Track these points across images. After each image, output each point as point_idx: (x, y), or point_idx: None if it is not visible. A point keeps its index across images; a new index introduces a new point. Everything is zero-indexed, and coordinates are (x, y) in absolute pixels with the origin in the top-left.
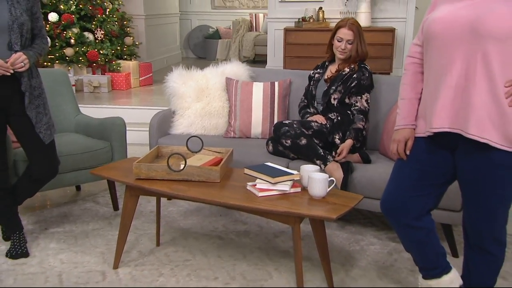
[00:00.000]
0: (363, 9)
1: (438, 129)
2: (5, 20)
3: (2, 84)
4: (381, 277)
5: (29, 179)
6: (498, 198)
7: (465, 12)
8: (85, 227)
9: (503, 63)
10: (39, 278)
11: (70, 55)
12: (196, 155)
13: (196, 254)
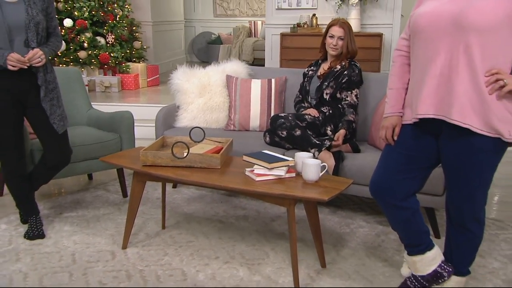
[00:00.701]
0: (353, 16)
1: (423, 115)
2: (22, 20)
3: (20, 79)
4: (369, 256)
5: (44, 167)
6: (478, 180)
7: (449, 6)
8: (97, 212)
9: (483, 54)
10: (54, 257)
11: (84, 58)
12: (199, 144)
13: (198, 236)
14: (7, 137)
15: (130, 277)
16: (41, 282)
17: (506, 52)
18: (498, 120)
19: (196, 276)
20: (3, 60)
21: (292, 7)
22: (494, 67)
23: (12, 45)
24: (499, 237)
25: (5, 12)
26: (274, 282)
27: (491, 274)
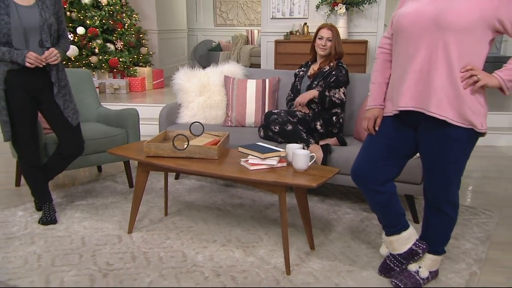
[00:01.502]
0: (341, 24)
1: (403, 107)
2: (36, 22)
3: (35, 77)
4: (354, 239)
5: (60, 156)
6: (453, 167)
7: (429, 7)
8: (105, 200)
9: (460, 52)
10: (65, 240)
11: (95, 62)
12: (198, 137)
13: (198, 222)
14: (24, 132)
15: (134, 258)
16: (53, 262)
17: (480, 50)
18: (471, 113)
19: (195, 257)
20: (22, 58)
21: (285, 17)
22: (469, 64)
23: (28, 46)
24: (471, 221)
25: (21, 15)
26: (267, 263)
27: (464, 254)
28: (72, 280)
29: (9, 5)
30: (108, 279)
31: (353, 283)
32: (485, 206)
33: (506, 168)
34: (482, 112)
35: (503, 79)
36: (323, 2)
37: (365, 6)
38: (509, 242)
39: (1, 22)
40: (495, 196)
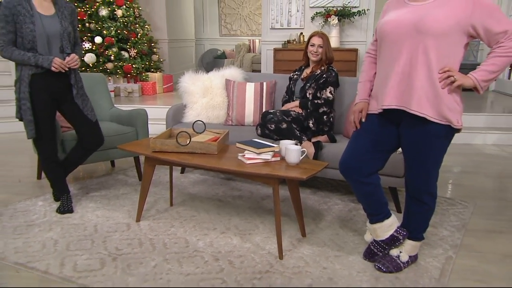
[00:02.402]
0: (334, 34)
1: (388, 106)
2: (57, 30)
3: (56, 80)
4: (342, 228)
5: (81, 149)
6: (432, 161)
7: (410, 15)
8: (116, 192)
9: (438, 55)
10: (80, 227)
11: (111, 68)
12: (200, 135)
13: (200, 212)
14: (45, 130)
15: (141, 244)
16: (68, 247)
17: (456, 53)
18: (448, 110)
19: (196, 243)
20: (48, 63)
21: (283, 27)
22: (447, 66)
23: (50, 51)
24: (449, 211)
25: (44, 23)
26: (262, 249)
27: (441, 240)
28: (84, 263)
29: (33, 15)
30: (117, 263)
31: (340, 266)
32: (462, 197)
33: (481, 164)
34: (458, 110)
35: (477, 80)
36: (317, 14)
37: (355, 17)
38: (482, 229)
39: (27, 30)
40: (471, 188)
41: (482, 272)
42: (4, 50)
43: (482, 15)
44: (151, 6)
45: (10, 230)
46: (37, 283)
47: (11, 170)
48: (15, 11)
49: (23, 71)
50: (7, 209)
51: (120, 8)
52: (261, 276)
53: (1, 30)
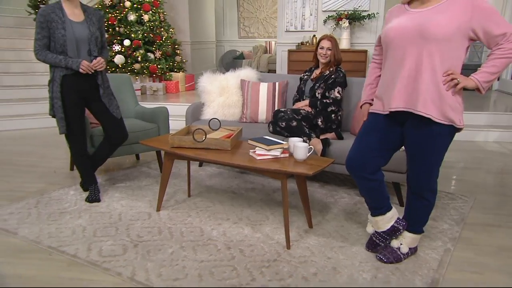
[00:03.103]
0: (345, 36)
1: (395, 108)
2: (86, 35)
3: (84, 81)
4: (347, 220)
5: (109, 144)
6: (434, 159)
7: (412, 22)
8: (140, 183)
9: (442, 58)
10: (106, 216)
11: (138, 69)
12: (216, 131)
13: (215, 203)
14: (75, 126)
15: (161, 232)
16: (95, 233)
17: (458, 56)
18: (451, 111)
19: (211, 232)
20: (77, 65)
21: (297, 30)
22: (450, 69)
23: (79, 54)
24: (449, 205)
25: (74, 29)
26: (271, 239)
27: (441, 233)
28: (108, 248)
29: (65, 21)
30: (137, 249)
31: (344, 257)
32: (462, 192)
33: (482, 160)
34: (459, 110)
35: (479, 81)
36: (329, 17)
37: (365, 20)
38: (480, 223)
39: (59, 35)
40: (472, 184)
41: (478, 264)
42: (39, 53)
43: (481, 19)
44: (175, 10)
45: (45, 217)
46: (66, 266)
47: (49, 162)
48: (49, 18)
49: (55, 73)
50: (43, 198)
51: (146, 13)
52: (269, 265)
53: (37, 35)
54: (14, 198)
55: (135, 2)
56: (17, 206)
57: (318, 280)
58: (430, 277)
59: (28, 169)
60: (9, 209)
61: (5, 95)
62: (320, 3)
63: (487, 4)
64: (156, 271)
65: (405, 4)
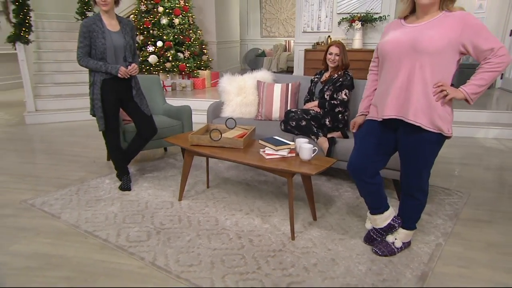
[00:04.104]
0: (357, 37)
1: (388, 116)
2: (122, 43)
3: (120, 84)
4: (349, 213)
5: (140, 138)
6: (424, 162)
7: (406, 36)
8: (166, 174)
9: (433, 71)
10: (134, 204)
11: (169, 67)
12: (231, 130)
13: (231, 194)
14: (112, 124)
15: (180, 220)
16: (124, 220)
17: (449, 69)
18: (440, 120)
19: (224, 222)
20: (116, 70)
21: (313, 31)
22: (440, 81)
23: (117, 60)
24: (445, 201)
25: (112, 38)
26: (278, 229)
27: (434, 228)
28: (135, 234)
29: (104, 31)
30: (160, 236)
31: (343, 249)
32: (458, 188)
33: (480, 156)
34: (449, 119)
35: (467, 93)
36: (343, 19)
37: (377, 22)
38: (472, 219)
39: (99, 43)
40: (468, 179)
41: (466, 258)
42: (82, 60)
43: (471, 34)
44: (203, 14)
45: (84, 203)
46: (99, 249)
47: (90, 152)
48: (91, 28)
49: (96, 77)
50: (83, 185)
51: (177, 17)
52: (274, 254)
53: (80, 43)
54: (60, 185)
55: (167, 8)
56: (62, 192)
57: (317, 271)
58: (421, 270)
59: (73, 158)
60: (55, 195)
61: (57, 91)
62: (335, 6)
63: (476, 21)
64: (174, 257)
65: (401, 19)
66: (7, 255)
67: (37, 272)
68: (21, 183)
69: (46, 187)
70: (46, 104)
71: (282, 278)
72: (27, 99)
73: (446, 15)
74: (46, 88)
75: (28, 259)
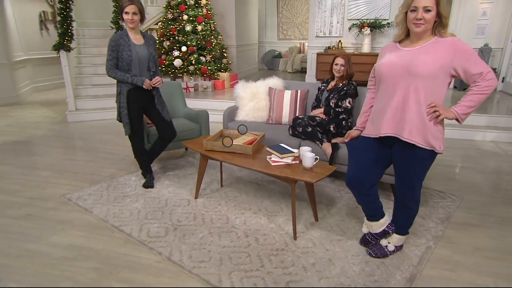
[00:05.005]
0: (366, 42)
1: (385, 134)
2: (146, 55)
3: (144, 93)
4: (348, 215)
5: (161, 141)
6: (416, 176)
7: (401, 59)
8: (185, 172)
9: (426, 93)
10: (156, 201)
11: (192, 70)
12: (242, 136)
13: (242, 193)
14: (136, 128)
15: (195, 218)
16: (146, 216)
17: (441, 91)
18: (433, 138)
19: (234, 221)
20: (141, 82)
21: (325, 35)
22: (433, 102)
23: (141, 70)
24: (439, 204)
25: (137, 50)
26: (282, 229)
27: (426, 231)
28: (155, 230)
29: (130, 45)
30: (176, 232)
31: (339, 249)
32: (452, 191)
33: (476, 159)
34: (440, 137)
35: (458, 113)
36: (353, 25)
37: (385, 28)
38: (463, 222)
39: (125, 55)
40: (462, 182)
41: (453, 262)
42: (110, 71)
43: (461, 59)
44: (225, 19)
45: (112, 199)
46: (123, 243)
47: (121, 150)
48: (118, 42)
49: (122, 87)
50: (112, 182)
51: (200, 24)
52: (277, 253)
53: (109, 56)
54: (93, 180)
55: (191, 16)
56: (94, 188)
57: (315, 270)
58: (410, 272)
59: (106, 156)
60: (89, 190)
61: (94, 92)
62: (346, 12)
63: (467, 47)
64: (187, 253)
65: (396, 43)
66: (48, 245)
67: (71, 262)
68: (61, 178)
69: (81, 182)
70: (84, 104)
71: (282, 276)
72: (69, 99)
73: (438, 40)
74: (85, 89)
75: (65, 250)
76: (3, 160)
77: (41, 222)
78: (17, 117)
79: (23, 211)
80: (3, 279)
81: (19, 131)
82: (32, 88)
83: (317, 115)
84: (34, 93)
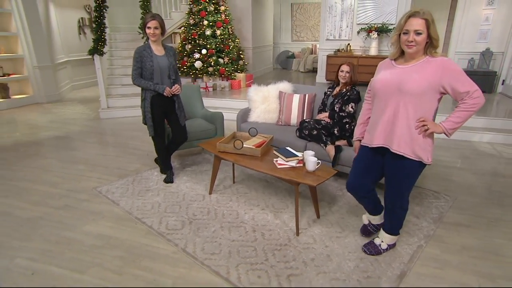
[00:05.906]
0: (374, 45)
1: (376, 145)
2: (166, 65)
3: (165, 99)
4: (348, 212)
5: (174, 143)
6: (405, 185)
7: (394, 77)
8: (201, 168)
9: (415, 109)
10: (174, 195)
11: (211, 71)
12: (253, 138)
13: (251, 190)
14: (159, 130)
15: (209, 212)
16: (165, 209)
17: (430, 107)
18: (421, 150)
19: (243, 216)
20: (162, 90)
21: (335, 38)
22: (422, 116)
23: (163, 79)
24: (433, 204)
25: (159, 60)
26: (286, 225)
27: (419, 230)
28: (172, 223)
29: (152, 56)
30: (191, 226)
31: (338, 246)
32: (447, 192)
33: (473, 160)
34: (429, 150)
35: (446, 128)
36: (362, 29)
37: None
38: (454, 222)
39: (148, 65)
40: (457, 183)
41: (441, 260)
42: (135, 80)
43: (449, 78)
44: (242, 23)
45: (136, 192)
46: (144, 234)
47: (146, 146)
48: (142, 54)
49: (146, 94)
50: (137, 176)
51: (219, 29)
52: (280, 248)
53: (134, 66)
54: (121, 174)
55: (211, 21)
56: (121, 182)
57: (313, 265)
58: (400, 269)
59: (132, 151)
60: (117, 184)
61: (124, 91)
62: (355, 17)
63: (455, 66)
64: (200, 246)
65: (392, 60)
66: (81, 234)
67: (99, 250)
68: (94, 172)
69: (110, 176)
70: (115, 102)
71: (284, 270)
72: (101, 98)
73: (429, 60)
74: (116, 88)
75: (95, 238)
76: (48, 153)
77: (76, 212)
78: (58, 114)
79: (62, 201)
80: (45, 263)
81: (60, 126)
82: (71, 86)
83: (322, 118)
84: (73, 91)
